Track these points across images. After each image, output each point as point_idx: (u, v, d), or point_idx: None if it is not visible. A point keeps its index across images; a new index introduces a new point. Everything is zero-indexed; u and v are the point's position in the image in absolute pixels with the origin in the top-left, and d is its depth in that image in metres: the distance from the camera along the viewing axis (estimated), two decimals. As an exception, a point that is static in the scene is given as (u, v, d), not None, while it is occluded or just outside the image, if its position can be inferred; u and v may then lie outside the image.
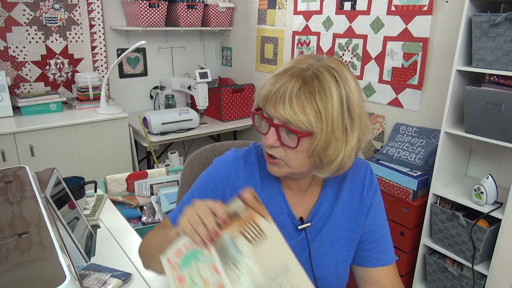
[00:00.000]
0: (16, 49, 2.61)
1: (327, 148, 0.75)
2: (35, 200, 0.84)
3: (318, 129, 0.73)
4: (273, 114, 0.74)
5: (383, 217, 0.94)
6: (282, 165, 0.80)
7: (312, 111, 0.72)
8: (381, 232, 0.91)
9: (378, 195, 0.94)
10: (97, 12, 2.84)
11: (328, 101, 0.72)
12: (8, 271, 0.60)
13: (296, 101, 0.72)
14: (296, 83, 0.73)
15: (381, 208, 0.94)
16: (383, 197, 1.89)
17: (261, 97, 0.77)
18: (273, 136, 0.76)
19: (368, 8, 2.17)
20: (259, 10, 2.96)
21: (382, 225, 0.92)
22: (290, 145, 0.76)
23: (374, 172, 0.96)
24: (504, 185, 1.66)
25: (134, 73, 3.15)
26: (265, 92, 0.75)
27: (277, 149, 0.78)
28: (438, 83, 1.92)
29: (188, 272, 0.66)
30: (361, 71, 2.28)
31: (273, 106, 0.74)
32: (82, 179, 1.46)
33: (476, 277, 1.66)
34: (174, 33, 3.25)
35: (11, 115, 2.48)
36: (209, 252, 0.66)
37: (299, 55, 0.81)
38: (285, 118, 0.72)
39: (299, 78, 0.73)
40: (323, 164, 0.79)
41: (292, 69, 0.75)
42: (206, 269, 0.65)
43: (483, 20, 1.48)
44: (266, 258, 0.64)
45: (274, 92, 0.73)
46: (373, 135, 2.29)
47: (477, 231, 1.61)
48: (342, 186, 0.91)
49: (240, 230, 0.67)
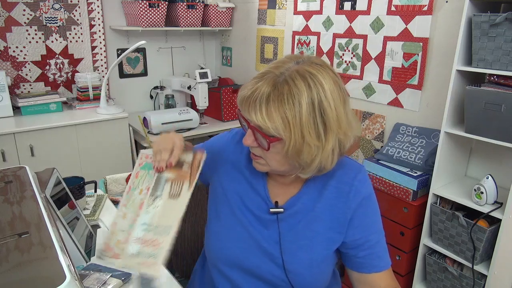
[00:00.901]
0: (16, 49, 2.61)
1: (299, 153, 0.76)
2: (35, 200, 0.84)
3: (286, 136, 0.74)
4: (247, 117, 0.78)
5: (377, 223, 0.92)
6: (263, 163, 0.84)
7: (279, 119, 0.73)
8: (375, 238, 0.90)
9: (369, 200, 0.91)
10: (97, 12, 2.84)
11: (296, 109, 0.72)
12: (8, 271, 0.60)
13: (265, 108, 0.74)
14: (267, 89, 0.74)
15: (375, 214, 0.92)
16: (383, 197, 1.87)
17: (239, 99, 0.79)
18: (250, 137, 0.80)
19: (368, 8, 2.17)
20: (259, 10, 2.96)
21: (376, 231, 0.91)
22: (264, 147, 0.79)
23: (368, 175, 0.94)
24: (504, 185, 1.66)
25: (134, 73, 3.15)
26: (242, 95, 0.78)
27: (256, 148, 0.82)
28: (438, 83, 1.92)
29: (141, 174, 0.88)
30: (361, 71, 2.28)
31: (247, 110, 0.77)
32: (82, 179, 1.46)
33: (476, 277, 1.66)
34: (174, 33, 3.25)
35: (11, 115, 2.48)
36: (153, 175, 0.86)
37: (283, 57, 0.83)
38: (256, 125, 0.76)
39: (270, 83, 0.74)
40: (302, 166, 0.80)
41: (268, 74, 0.76)
42: (145, 184, 0.85)
43: (483, 20, 1.48)
44: (167, 212, 0.80)
45: (248, 97, 0.76)
46: (373, 135, 2.29)
47: (477, 231, 1.61)
48: (327, 184, 0.90)
49: (173, 179, 0.84)
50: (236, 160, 0.96)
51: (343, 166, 0.90)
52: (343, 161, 0.90)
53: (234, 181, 0.95)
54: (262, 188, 0.92)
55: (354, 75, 2.33)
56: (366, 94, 2.27)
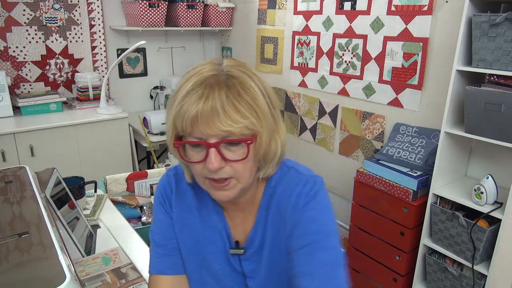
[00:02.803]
0: (16, 49, 2.62)
1: (270, 144, 0.73)
2: (35, 200, 0.84)
3: (261, 127, 0.69)
4: (209, 133, 0.66)
5: (316, 225, 0.74)
6: (233, 185, 0.72)
7: (250, 112, 0.68)
8: (306, 241, 0.73)
9: (312, 205, 0.76)
10: (97, 12, 2.84)
11: (256, 97, 0.69)
12: (8, 271, 0.60)
13: (230, 109, 0.66)
14: (220, 91, 0.66)
15: (314, 219, 0.75)
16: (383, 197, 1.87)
17: (188, 120, 0.67)
18: (216, 158, 0.68)
19: (368, 8, 2.17)
20: (259, 10, 2.96)
21: (309, 235, 0.73)
22: (238, 158, 0.69)
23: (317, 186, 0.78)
24: (504, 185, 1.66)
25: (134, 73, 3.15)
26: (191, 113, 0.66)
27: (223, 169, 0.70)
28: (438, 83, 1.92)
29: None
30: (361, 71, 2.28)
31: (206, 124, 0.66)
32: (82, 179, 1.47)
33: (476, 277, 1.66)
34: (174, 33, 3.25)
35: (11, 115, 2.49)
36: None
37: (193, 66, 0.74)
38: (226, 131, 0.66)
39: (219, 85, 0.67)
40: (267, 161, 0.75)
41: (204, 80, 0.68)
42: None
43: (483, 20, 1.48)
44: None
45: (203, 110, 0.65)
46: (373, 135, 2.29)
47: (477, 231, 1.61)
48: (270, 205, 0.80)
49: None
50: (185, 205, 0.86)
51: (286, 181, 0.80)
52: (288, 174, 0.81)
53: (190, 233, 0.86)
54: (222, 226, 0.84)
55: (354, 75, 2.32)
56: (366, 94, 2.27)
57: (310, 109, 2.67)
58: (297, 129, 2.81)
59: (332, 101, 2.50)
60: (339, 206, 2.63)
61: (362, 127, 2.34)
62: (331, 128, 2.54)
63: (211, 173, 0.70)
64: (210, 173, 0.70)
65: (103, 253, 1.14)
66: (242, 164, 0.70)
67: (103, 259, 1.11)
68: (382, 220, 1.96)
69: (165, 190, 0.87)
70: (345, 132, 2.46)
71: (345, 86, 2.39)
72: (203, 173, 0.71)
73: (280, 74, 2.87)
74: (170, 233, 0.86)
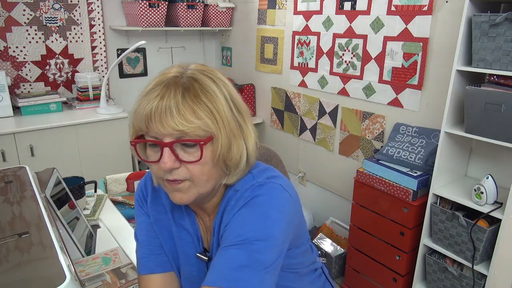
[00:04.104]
0: (16, 49, 2.61)
1: (230, 148, 0.71)
2: (35, 200, 0.84)
3: (217, 130, 0.68)
4: (162, 132, 0.66)
5: (245, 228, 0.69)
6: (188, 188, 0.71)
7: (205, 113, 0.67)
8: (230, 242, 0.69)
9: (245, 208, 0.72)
10: (97, 12, 2.84)
11: (215, 100, 0.69)
12: (8, 271, 0.60)
13: (185, 108, 0.66)
14: (177, 91, 0.67)
15: (243, 221, 0.71)
16: (383, 197, 1.87)
17: (142, 118, 0.67)
18: (170, 157, 0.67)
19: (368, 8, 2.17)
20: (259, 10, 2.96)
21: (234, 236, 0.69)
22: (192, 160, 0.68)
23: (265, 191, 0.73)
24: (504, 185, 1.66)
25: (134, 73, 3.15)
26: (146, 111, 0.66)
27: (177, 170, 0.69)
28: (438, 83, 1.92)
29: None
30: (361, 71, 2.28)
31: (159, 122, 0.66)
32: (82, 179, 1.47)
33: (476, 277, 1.66)
34: (174, 33, 3.25)
35: (11, 115, 2.48)
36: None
37: (163, 70, 0.74)
38: (179, 131, 0.65)
39: (177, 86, 0.67)
40: (230, 168, 0.73)
41: (164, 81, 0.69)
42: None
43: (483, 20, 1.48)
44: None
45: (156, 108, 0.66)
46: (373, 135, 2.29)
47: (477, 231, 1.61)
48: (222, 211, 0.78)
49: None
50: (160, 210, 0.86)
51: (236, 185, 0.77)
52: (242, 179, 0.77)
53: (168, 234, 0.86)
54: (193, 229, 0.84)
55: (354, 75, 2.32)
56: (366, 94, 2.27)
57: (310, 109, 2.67)
58: (297, 129, 2.81)
59: (332, 101, 2.50)
60: (339, 206, 2.63)
61: (362, 127, 2.34)
62: (331, 128, 2.54)
63: (165, 174, 0.69)
64: (164, 173, 0.69)
65: (103, 253, 1.14)
66: (199, 166, 0.69)
67: (103, 259, 1.11)
68: (382, 220, 1.96)
69: (142, 192, 0.89)
70: (345, 132, 2.46)
71: (345, 86, 2.39)
72: (159, 173, 0.71)
73: (280, 74, 2.87)
74: (152, 233, 0.88)
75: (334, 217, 2.66)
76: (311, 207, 2.84)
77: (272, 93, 2.98)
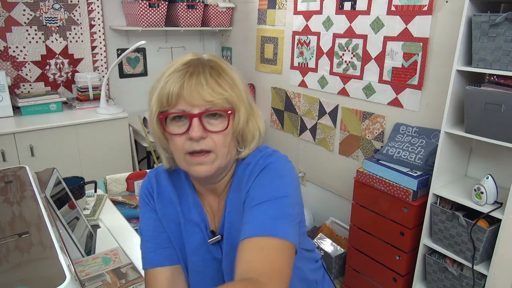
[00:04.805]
0: (16, 49, 2.62)
1: (247, 123, 0.80)
2: (35, 200, 0.84)
3: (239, 103, 0.77)
4: (193, 103, 0.73)
5: (268, 188, 0.76)
6: (211, 160, 0.76)
7: (229, 87, 0.76)
8: (258, 200, 0.75)
9: (264, 172, 0.79)
10: (97, 12, 2.84)
11: (234, 80, 0.78)
12: (8, 271, 0.60)
13: (213, 83, 0.74)
14: (205, 69, 0.75)
15: (265, 183, 0.78)
16: (383, 197, 1.87)
17: (173, 92, 0.74)
18: (199, 127, 0.74)
19: (368, 8, 2.17)
20: (259, 10, 2.96)
21: (261, 196, 0.76)
22: (218, 129, 0.75)
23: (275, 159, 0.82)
24: (504, 185, 1.66)
25: (134, 73, 3.15)
26: (177, 86, 0.73)
27: (204, 141, 0.75)
28: (438, 83, 1.92)
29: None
30: (361, 71, 2.28)
31: (191, 95, 0.73)
32: (82, 179, 1.47)
33: (476, 277, 1.66)
34: (174, 33, 3.25)
35: (11, 115, 2.49)
36: None
37: (177, 57, 0.82)
38: (208, 101, 0.73)
39: (203, 65, 0.76)
40: (245, 142, 0.82)
41: (189, 62, 0.77)
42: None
43: (483, 20, 1.48)
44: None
45: (188, 81, 0.73)
46: (373, 135, 2.29)
47: (477, 231, 1.61)
48: (234, 186, 0.84)
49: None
50: (167, 199, 0.89)
51: (246, 160, 0.84)
52: (250, 155, 0.85)
53: (175, 227, 0.89)
54: (200, 218, 0.87)
55: (354, 75, 2.32)
56: (366, 94, 2.27)
57: (310, 109, 2.67)
58: (297, 129, 2.81)
59: (332, 101, 2.50)
60: (339, 206, 2.63)
61: (362, 127, 2.34)
62: (331, 128, 2.54)
63: (192, 145, 0.74)
64: (191, 144, 0.74)
65: (103, 253, 1.14)
66: (222, 137, 0.76)
67: (103, 259, 1.11)
68: (382, 220, 1.96)
69: (147, 189, 0.91)
70: (345, 132, 2.46)
71: (345, 86, 2.39)
72: (184, 147, 0.75)
73: (280, 74, 2.87)
74: (159, 227, 0.89)
75: (334, 217, 2.66)
76: (311, 207, 2.84)
77: (272, 93, 2.98)
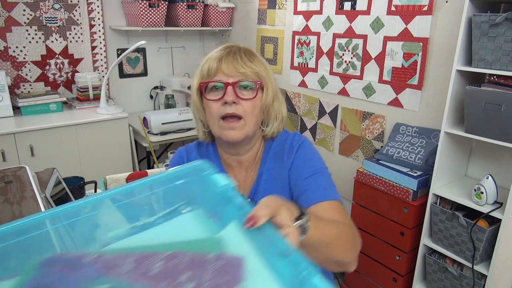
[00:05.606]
0: (16, 49, 2.61)
1: (273, 102, 0.96)
2: (35, 200, 0.84)
3: (268, 80, 0.94)
4: (229, 74, 0.89)
5: (311, 163, 0.96)
6: (241, 126, 0.91)
7: (260, 65, 0.93)
8: (308, 173, 0.94)
9: (302, 148, 0.98)
10: (97, 12, 2.84)
11: (264, 63, 0.95)
12: (8, 271, 0.60)
13: (246, 59, 0.91)
14: (240, 51, 0.93)
15: (308, 158, 0.97)
16: (383, 197, 1.87)
17: (215, 60, 0.91)
18: (232, 93, 0.89)
19: (368, 8, 2.17)
20: (259, 10, 2.96)
21: (309, 168, 0.95)
22: (248, 97, 0.91)
23: (300, 135, 1.02)
24: (504, 185, 1.66)
25: (134, 73, 3.15)
26: (218, 56, 0.91)
27: (236, 106, 0.90)
28: (438, 83, 1.92)
29: None
30: (361, 71, 2.28)
31: (227, 68, 0.89)
32: (82, 179, 1.47)
33: (476, 277, 1.66)
34: (174, 33, 3.25)
35: (11, 115, 2.49)
36: None
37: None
38: (241, 73, 0.90)
39: (239, 49, 0.94)
40: (269, 120, 0.98)
41: (228, 46, 0.95)
42: None
43: (483, 20, 1.48)
44: None
45: (227, 55, 0.91)
46: (373, 135, 2.29)
47: (477, 231, 1.61)
48: (266, 159, 1.00)
49: None
50: None
51: (277, 139, 1.03)
52: (279, 134, 1.04)
53: None
54: None
55: (354, 75, 2.32)
56: (366, 94, 2.27)
57: (310, 109, 2.67)
58: (297, 129, 2.81)
59: (332, 101, 2.50)
60: (339, 206, 2.63)
61: (362, 127, 2.34)
62: (331, 128, 2.54)
63: (225, 109, 0.90)
64: (225, 108, 0.90)
65: None
66: (251, 105, 0.91)
67: None
68: (382, 220, 1.96)
69: (177, 162, 1.05)
70: (345, 132, 2.46)
71: (345, 86, 2.39)
72: (219, 111, 0.91)
73: (280, 74, 2.87)
74: None
75: (334, 217, 2.66)
76: (311, 207, 2.84)
77: (272, 93, 2.98)
